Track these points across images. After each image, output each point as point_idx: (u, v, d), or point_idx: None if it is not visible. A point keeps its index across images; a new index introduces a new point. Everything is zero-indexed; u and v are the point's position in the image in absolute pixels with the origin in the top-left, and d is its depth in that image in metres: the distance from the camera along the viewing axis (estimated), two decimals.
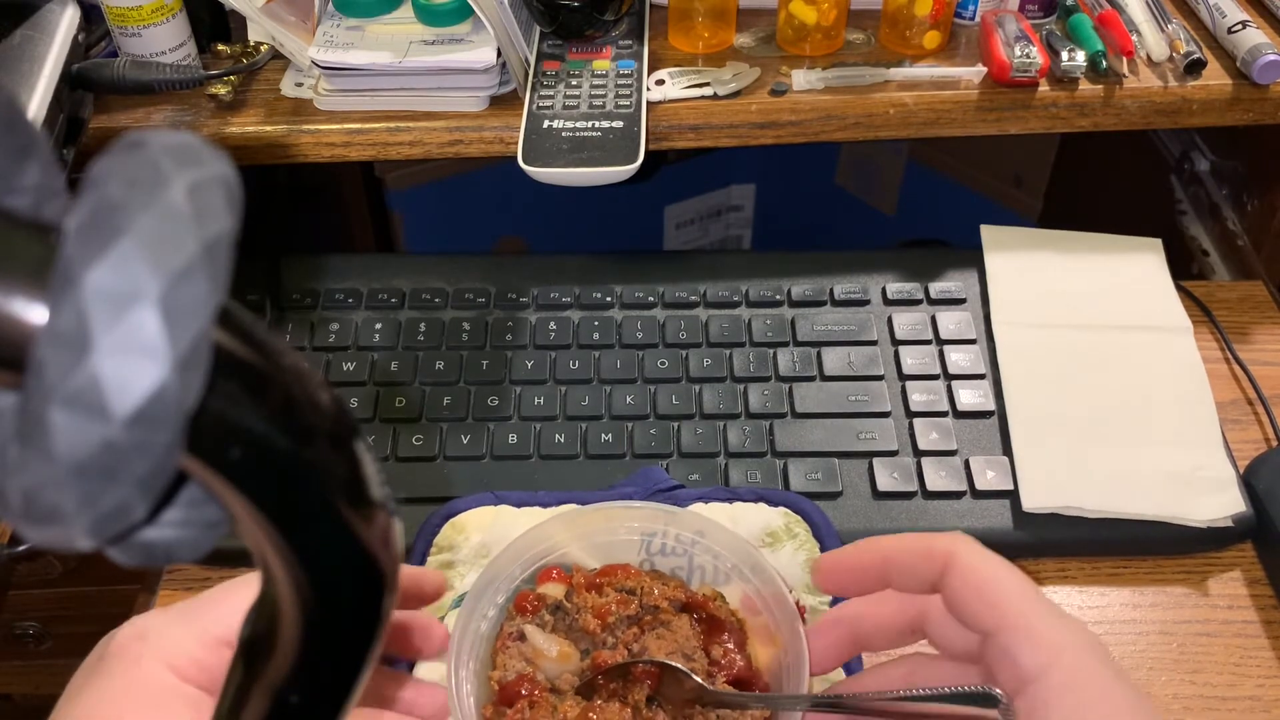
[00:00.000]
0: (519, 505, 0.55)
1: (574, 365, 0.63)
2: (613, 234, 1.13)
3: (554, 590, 0.48)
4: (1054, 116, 0.67)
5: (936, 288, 0.67)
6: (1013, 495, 0.56)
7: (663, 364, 0.63)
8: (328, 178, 0.96)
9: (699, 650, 0.46)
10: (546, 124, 0.64)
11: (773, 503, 0.54)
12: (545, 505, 0.55)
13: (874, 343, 0.64)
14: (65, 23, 0.55)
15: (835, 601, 0.50)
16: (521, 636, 0.46)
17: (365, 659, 0.21)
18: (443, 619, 0.50)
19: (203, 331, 0.15)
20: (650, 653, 0.45)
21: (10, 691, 1.04)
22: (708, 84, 0.67)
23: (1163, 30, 0.69)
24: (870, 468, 0.58)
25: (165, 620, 0.37)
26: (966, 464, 0.58)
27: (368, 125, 0.66)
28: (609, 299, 0.67)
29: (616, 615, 0.46)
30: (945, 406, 0.61)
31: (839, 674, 0.48)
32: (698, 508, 0.53)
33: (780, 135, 0.67)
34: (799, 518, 0.54)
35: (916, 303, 0.67)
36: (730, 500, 0.55)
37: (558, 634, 0.47)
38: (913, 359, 0.63)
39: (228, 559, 0.56)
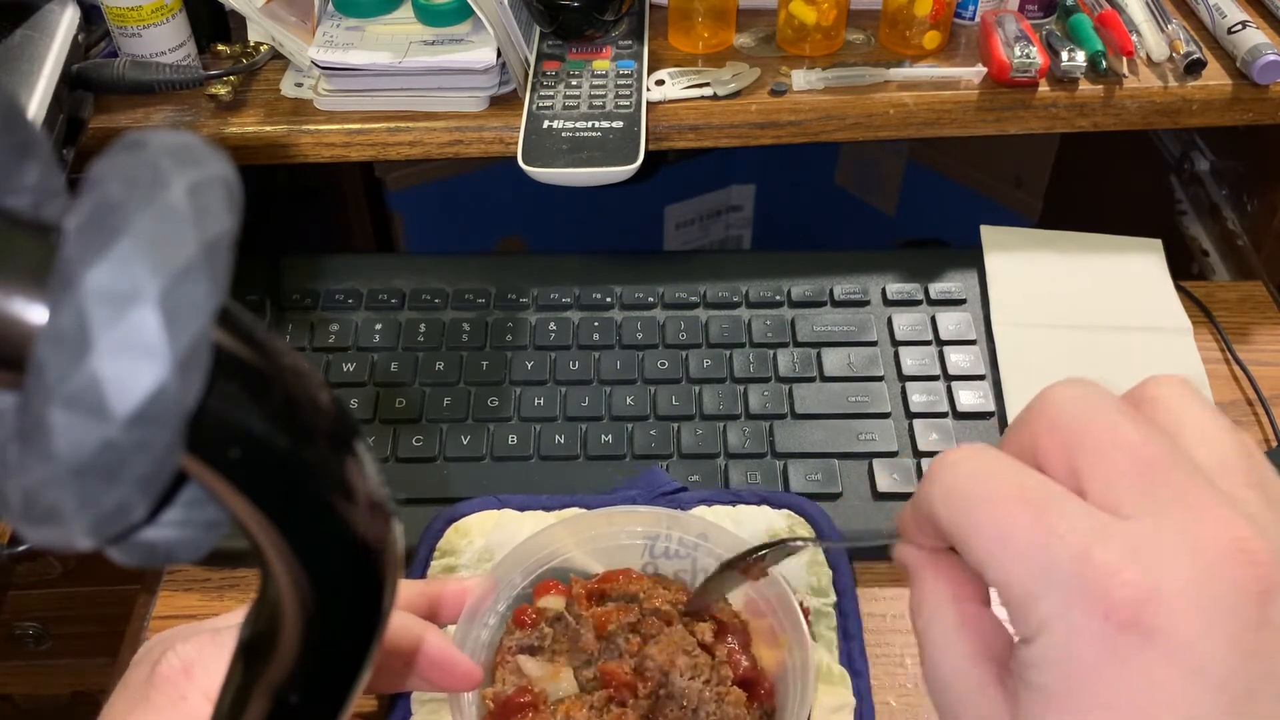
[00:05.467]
0: (522, 509, 0.55)
1: (574, 366, 0.63)
2: (613, 234, 1.13)
3: (553, 603, 0.48)
4: (1054, 116, 0.67)
5: (936, 288, 0.67)
6: None
7: (663, 365, 0.63)
8: (328, 178, 0.96)
9: (702, 651, 0.46)
10: (546, 124, 0.64)
11: (775, 505, 0.54)
12: (548, 509, 0.54)
13: (874, 343, 0.64)
14: (65, 23, 0.55)
15: (839, 604, 0.50)
16: (520, 651, 0.46)
17: (365, 659, 0.21)
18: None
19: (203, 331, 0.15)
20: (653, 658, 0.45)
21: (10, 692, 1.04)
22: (707, 84, 0.67)
23: (1163, 30, 0.69)
24: (870, 468, 0.58)
25: (211, 651, 0.36)
26: None
27: (368, 125, 0.66)
28: (609, 299, 0.67)
29: (616, 623, 0.46)
30: (945, 407, 0.61)
31: (842, 673, 0.48)
32: (701, 511, 0.53)
33: (780, 135, 0.67)
34: (802, 520, 0.54)
35: (916, 303, 0.67)
36: (733, 503, 0.55)
37: (560, 643, 0.46)
38: (913, 360, 0.63)
39: (228, 559, 0.56)
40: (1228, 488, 0.24)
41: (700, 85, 0.67)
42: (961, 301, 0.67)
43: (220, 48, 0.71)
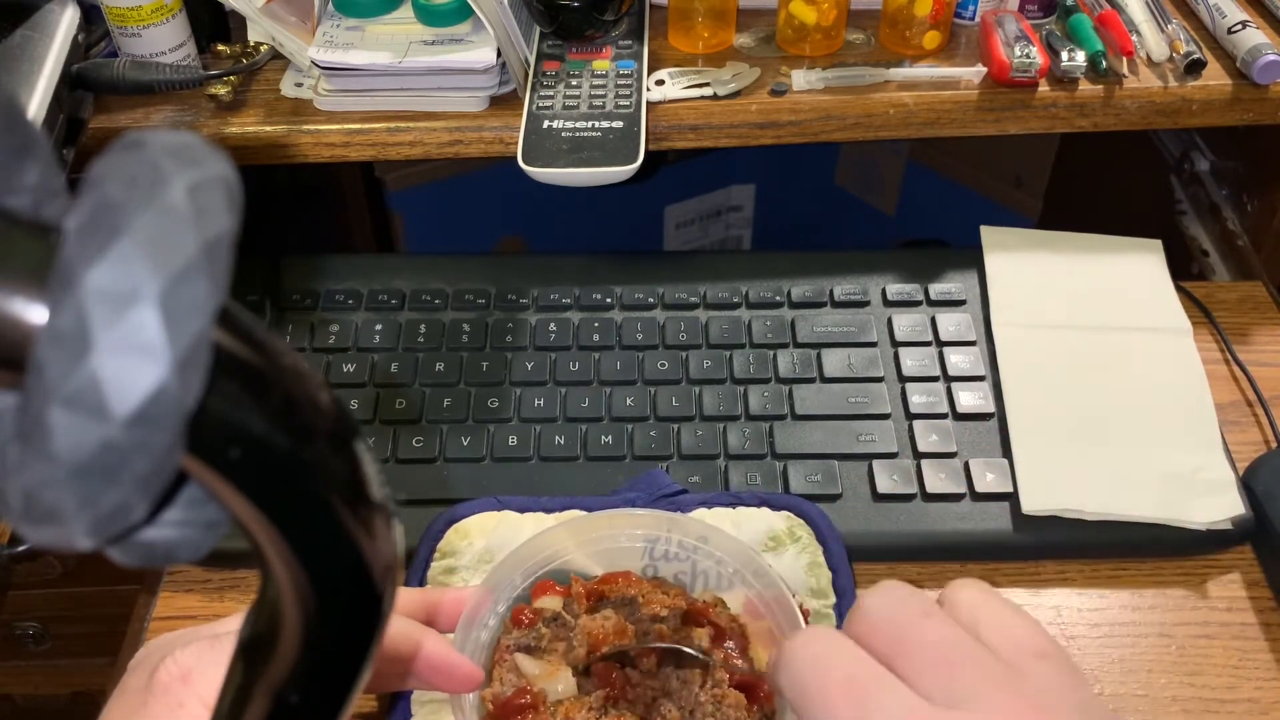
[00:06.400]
0: (522, 510, 0.55)
1: (574, 367, 0.63)
2: (613, 234, 1.13)
3: (550, 604, 0.48)
4: (1054, 116, 0.67)
5: (936, 289, 0.67)
6: (1012, 498, 0.56)
7: (663, 365, 0.63)
8: (328, 178, 0.96)
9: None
10: (546, 124, 0.64)
11: (775, 507, 0.54)
12: (549, 510, 0.54)
13: (874, 344, 0.64)
14: (65, 23, 0.55)
15: (838, 605, 0.50)
16: (517, 650, 0.46)
17: (365, 658, 0.21)
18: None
19: (203, 331, 0.15)
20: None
21: (10, 692, 1.04)
22: (708, 84, 0.67)
23: (1163, 30, 0.69)
24: (870, 470, 0.58)
25: (209, 658, 0.36)
26: (966, 466, 0.58)
27: (368, 125, 0.66)
28: (609, 300, 0.67)
29: (611, 648, 0.46)
30: (945, 408, 0.61)
31: None
32: (700, 513, 0.53)
33: (780, 135, 0.67)
34: (802, 521, 0.54)
35: (916, 304, 0.67)
36: (733, 505, 0.54)
37: (557, 643, 0.46)
38: (912, 360, 0.63)
39: (228, 559, 0.56)
40: (1019, 663, 0.29)
41: (700, 85, 0.67)
42: (961, 302, 0.67)
43: (220, 48, 0.71)
